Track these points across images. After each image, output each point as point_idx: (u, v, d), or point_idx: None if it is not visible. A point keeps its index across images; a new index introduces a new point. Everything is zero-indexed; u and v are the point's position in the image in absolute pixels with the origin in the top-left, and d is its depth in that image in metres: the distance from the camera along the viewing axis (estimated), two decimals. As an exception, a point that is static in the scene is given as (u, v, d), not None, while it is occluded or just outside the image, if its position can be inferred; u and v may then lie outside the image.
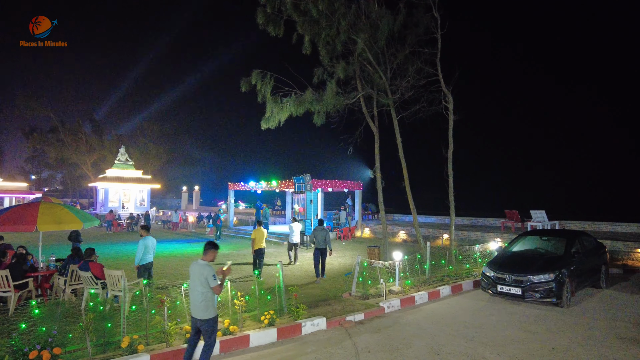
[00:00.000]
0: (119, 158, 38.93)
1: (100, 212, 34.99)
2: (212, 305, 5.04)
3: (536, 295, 8.31)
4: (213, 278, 4.96)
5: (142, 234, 9.01)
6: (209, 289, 4.97)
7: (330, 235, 12.05)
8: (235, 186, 25.37)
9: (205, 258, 5.18)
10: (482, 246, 13.02)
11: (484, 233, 17.22)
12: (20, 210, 8.53)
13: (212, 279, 4.95)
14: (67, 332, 5.90)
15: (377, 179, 13.24)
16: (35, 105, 42.52)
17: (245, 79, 12.55)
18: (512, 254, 9.81)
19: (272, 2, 12.01)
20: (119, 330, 6.03)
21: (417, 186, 14.00)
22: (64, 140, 44.65)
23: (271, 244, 18.61)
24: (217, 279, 5.01)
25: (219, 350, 6.08)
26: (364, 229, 22.70)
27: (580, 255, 9.24)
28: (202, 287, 4.97)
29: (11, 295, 7.75)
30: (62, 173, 59.84)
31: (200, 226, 29.14)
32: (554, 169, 48.77)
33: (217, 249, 5.31)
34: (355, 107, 13.71)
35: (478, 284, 9.99)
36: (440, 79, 12.51)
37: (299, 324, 6.93)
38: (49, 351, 5.07)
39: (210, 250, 5.23)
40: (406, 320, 7.64)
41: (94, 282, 7.88)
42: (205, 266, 5.04)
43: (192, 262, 5.36)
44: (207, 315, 4.99)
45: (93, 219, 9.68)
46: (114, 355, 5.49)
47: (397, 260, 9.21)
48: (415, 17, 12.45)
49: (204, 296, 4.97)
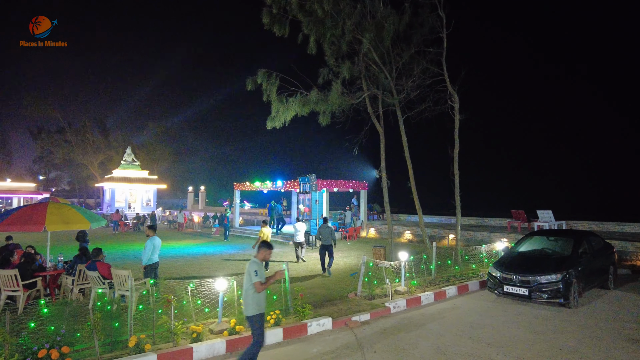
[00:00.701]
0: (125, 158, 39.20)
1: (107, 212, 35.24)
2: (253, 302, 4.99)
3: (543, 296, 8.25)
4: (255, 274, 4.95)
5: (149, 234, 9.06)
6: (251, 284, 4.97)
7: (335, 233, 12.61)
8: (240, 186, 25.45)
9: (257, 256, 5.18)
10: (489, 246, 12.96)
11: (490, 233, 17.13)
12: (29, 210, 8.62)
13: (254, 275, 4.95)
14: (75, 331, 5.96)
15: (383, 178, 13.23)
16: (42, 106, 42.92)
17: (251, 78, 12.59)
18: (518, 254, 9.76)
19: (277, 2, 12.03)
20: (126, 329, 6.08)
21: (423, 186, 13.96)
22: (71, 140, 45.03)
23: (277, 244, 18.65)
24: (260, 276, 4.95)
25: (224, 349, 6.11)
26: (369, 229, 22.67)
27: (588, 256, 9.17)
28: (247, 282, 5.01)
29: (20, 295, 7.83)
30: (69, 173, 60.34)
31: (206, 226, 29.25)
32: (561, 169, 48.41)
33: (271, 248, 5.28)
34: (361, 107, 13.69)
35: (484, 284, 9.94)
36: (446, 78, 12.48)
37: (304, 324, 6.94)
38: (57, 350, 5.11)
39: (262, 248, 5.21)
40: (412, 321, 7.63)
41: (101, 281, 7.94)
42: (253, 262, 5.06)
43: (197, 261, 5.38)
44: (248, 311, 5.00)
45: (100, 219, 9.76)
46: (121, 355, 5.53)
47: (403, 260, 9.19)
48: (420, 16, 12.42)
49: (247, 292, 5.01)
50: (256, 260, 5.11)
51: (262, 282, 4.94)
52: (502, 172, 48.98)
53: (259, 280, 4.93)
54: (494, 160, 50.16)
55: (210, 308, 7.24)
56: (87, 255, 9.05)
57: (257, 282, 4.92)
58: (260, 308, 5.04)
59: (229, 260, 14.55)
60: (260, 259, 5.16)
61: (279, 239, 20.13)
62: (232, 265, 13.32)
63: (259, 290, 4.94)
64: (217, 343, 6.08)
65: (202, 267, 12.89)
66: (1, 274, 7.87)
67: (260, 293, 5.00)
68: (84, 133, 45.83)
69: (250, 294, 4.98)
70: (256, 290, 4.94)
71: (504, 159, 52.45)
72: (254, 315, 5.00)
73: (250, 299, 4.98)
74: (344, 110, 13.31)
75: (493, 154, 51.12)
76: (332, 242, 11.80)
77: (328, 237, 11.80)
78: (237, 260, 14.54)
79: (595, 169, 45.33)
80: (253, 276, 4.95)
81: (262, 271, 5.05)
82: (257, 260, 5.11)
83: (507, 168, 50.16)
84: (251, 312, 4.99)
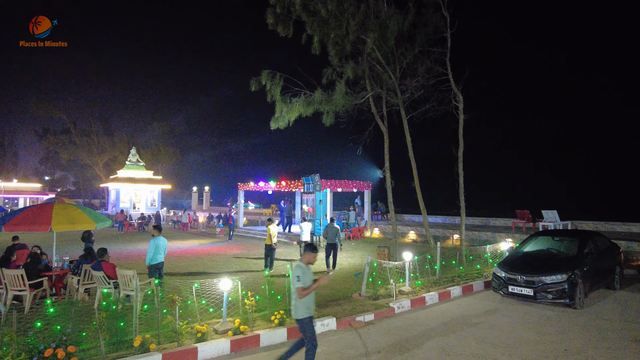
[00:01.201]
0: (130, 159, 39.40)
1: (112, 212, 35.42)
2: (299, 305, 4.91)
3: (548, 296, 8.21)
4: (297, 279, 4.87)
5: (153, 234, 9.10)
6: (295, 289, 4.93)
7: (340, 233, 12.93)
8: (244, 186, 25.49)
9: (302, 260, 5.09)
10: (493, 246, 12.90)
11: (495, 233, 17.06)
12: (35, 211, 8.69)
13: (296, 280, 4.87)
14: (80, 331, 5.99)
15: (387, 178, 13.21)
16: (47, 107, 43.21)
17: (255, 78, 12.61)
18: (523, 254, 9.71)
19: (281, 2, 12.05)
20: (131, 329, 6.10)
21: (427, 186, 13.93)
22: (76, 141, 45.33)
23: (280, 244, 18.67)
24: (302, 282, 4.85)
25: (229, 349, 6.12)
26: (373, 229, 22.64)
27: (594, 256, 9.12)
28: (292, 287, 4.97)
29: (27, 294, 7.90)
30: (74, 174, 60.72)
31: (210, 226, 29.33)
32: (566, 168, 48.15)
33: (315, 251, 5.14)
34: (365, 107, 13.68)
35: (489, 284, 9.91)
36: (450, 78, 12.43)
37: (309, 324, 6.93)
38: (63, 349, 5.15)
39: (307, 252, 5.10)
40: (417, 321, 7.61)
41: (106, 281, 7.98)
42: (297, 267, 4.96)
43: (201, 261, 5.39)
44: (296, 314, 4.94)
45: (105, 219, 9.81)
46: (126, 354, 5.55)
47: (407, 260, 9.17)
48: (424, 16, 12.40)
49: (293, 296, 4.96)
50: (301, 265, 4.99)
51: (304, 288, 4.85)
52: (507, 172, 48.79)
53: (300, 285, 4.85)
54: (498, 160, 49.98)
55: (214, 308, 7.25)
56: (92, 255, 9.10)
57: (298, 287, 4.85)
58: (309, 310, 4.96)
59: (234, 260, 14.58)
60: (305, 263, 5.04)
61: (284, 239, 20.15)
62: (236, 265, 13.34)
63: (300, 296, 4.84)
64: (221, 343, 6.10)
65: (207, 267, 12.92)
66: (8, 273, 7.94)
67: (309, 296, 4.92)
68: (89, 134, 46.12)
69: (295, 297, 4.92)
70: (298, 296, 4.85)
71: (509, 158, 52.24)
72: (303, 318, 4.93)
73: (297, 302, 4.93)
74: (348, 110, 13.32)
75: (498, 154, 50.93)
76: (338, 242, 12.35)
77: (334, 236, 12.32)
78: (242, 260, 14.57)
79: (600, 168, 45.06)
80: (295, 281, 4.88)
81: (306, 276, 4.93)
82: (302, 265, 4.99)
83: (512, 168, 49.95)
84: (300, 315, 4.92)
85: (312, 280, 4.99)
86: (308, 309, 4.94)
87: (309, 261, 5.06)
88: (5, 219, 8.59)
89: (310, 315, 4.97)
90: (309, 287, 4.88)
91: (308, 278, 4.94)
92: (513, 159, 52.32)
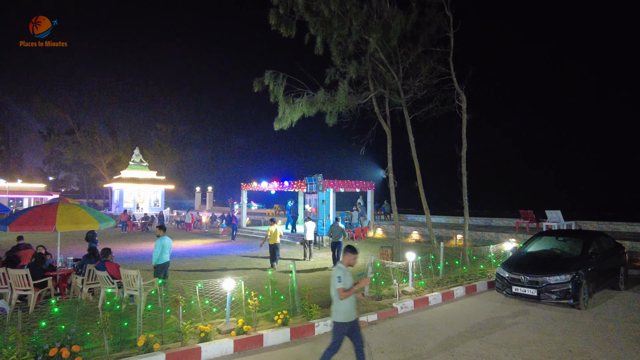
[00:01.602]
0: (134, 159, 39.50)
1: (115, 212, 35.55)
2: (339, 309, 4.78)
3: (552, 297, 8.18)
4: (337, 280, 4.75)
5: (159, 234, 9.11)
6: (335, 291, 4.80)
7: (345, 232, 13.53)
8: (247, 187, 25.52)
9: (342, 261, 4.96)
10: (497, 247, 12.87)
11: (498, 233, 17.01)
12: (40, 211, 8.73)
13: (337, 281, 4.76)
14: (85, 330, 6.03)
15: (390, 179, 13.20)
16: (51, 108, 43.39)
17: (258, 79, 12.63)
18: (527, 254, 9.68)
19: (284, 3, 12.06)
20: (135, 329, 6.12)
21: (430, 186, 13.91)
22: (79, 142, 45.50)
23: (284, 244, 18.69)
24: (343, 283, 4.73)
25: (232, 349, 6.14)
26: (376, 230, 22.63)
27: (598, 256, 9.07)
28: (332, 288, 4.83)
29: (31, 294, 7.94)
30: (78, 174, 60.97)
31: (213, 226, 29.39)
32: (570, 168, 47.94)
33: (355, 252, 4.98)
34: (368, 107, 13.68)
35: (492, 285, 9.88)
36: (453, 78, 12.40)
37: (312, 324, 6.95)
38: (68, 349, 5.17)
39: (347, 253, 4.95)
40: (420, 321, 7.60)
41: (110, 281, 8.02)
42: (338, 268, 4.85)
43: (204, 261, 5.39)
44: (335, 317, 4.81)
45: (109, 219, 9.84)
46: (130, 354, 5.58)
47: (411, 260, 9.16)
48: (427, 16, 12.37)
49: (334, 298, 4.83)
50: (341, 266, 4.87)
51: (345, 289, 4.72)
52: (511, 172, 48.65)
53: (341, 286, 4.72)
54: (502, 159, 49.83)
55: (218, 308, 7.27)
56: (96, 255, 9.14)
57: (339, 288, 4.72)
58: (348, 316, 4.78)
59: (237, 260, 14.60)
60: (345, 265, 4.90)
61: (286, 239, 20.17)
62: (239, 265, 13.36)
63: (341, 297, 4.71)
64: (225, 343, 6.11)
65: (210, 267, 12.94)
66: (13, 273, 7.98)
67: (349, 299, 4.78)
68: (93, 134, 46.28)
69: (335, 299, 4.81)
70: (339, 297, 4.73)
71: (512, 158, 52.08)
72: (339, 322, 4.80)
73: (336, 304, 4.81)
74: (351, 110, 13.31)
75: (501, 154, 50.76)
76: (342, 240, 12.88)
77: (338, 235, 12.88)
78: (245, 260, 14.59)
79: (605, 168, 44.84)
80: (336, 282, 4.76)
81: (347, 277, 4.79)
82: (342, 266, 4.87)
83: (516, 168, 49.80)
84: (336, 318, 4.80)
85: (352, 282, 4.87)
86: (347, 314, 4.78)
87: (349, 263, 4.92)
88: (10, 219, 8.64)
89: (348, 320, 4.79)
90: (350, 289, 4.75)
91: (349, 280, 4.81)
92: (516, 158, 52.19)
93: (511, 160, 51.77)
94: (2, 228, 8.28)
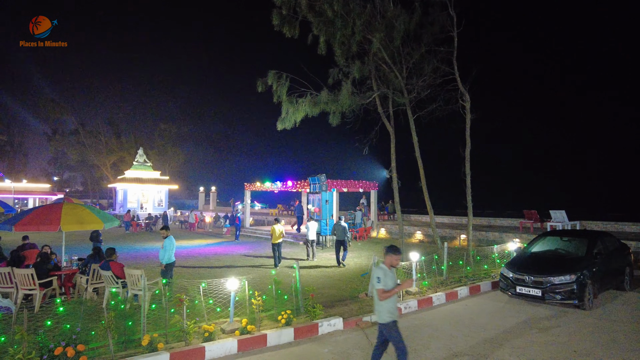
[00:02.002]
0: (137, 159, 39.65)
1: (119, 212, 35.68)
2: (381, 310, 4.73)
3: (557, 297, 8.15)
4: (377, 280, 4.70)
5: (166, 234, 9.12)
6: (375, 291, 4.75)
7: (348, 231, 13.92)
8: (251, 187, 25.56)
9: (384, 262, 4.87)
10: (501, 247, 12.82)
11: (502, 233, 16.96)
12: (45, 211, 8.79)
13: (376, 281, 4.71)
14: (89, 330, 6.06)
15: (393, 179, 13.19)
16: (56, 108, 43.60)
17: (262, 79, 12.64)
18: (531, 254, 9.64)
19: (287, 3, 12.07)
20: (139, 328, 6.15)
21: (434, 186, 13.88)
22: (84, 142, 45.70)
23: (286, 244, 18.72)
24: (383, 284, 4.68)
25: (236, 349, 6.15)
26: (379, 230, 22.61)
27: (603, 257, 9.02)
28: (372, 289, 4.81)
29: (36, 293, 7.99)
30: (82, 174, 61.25)
31: (217, 226, 29.46)
32: (574, 168, 47.69)
33: (398, 253, 4.86)
34: (371, 107, 13.66)
35: (496, 285, 9.85)
36: (457, 77, 12.36)
37: (315, 324, 6.95)
38: (73, 348, 5.20)
39: (389, 254, 4.84)
40: (423, 322, 7.59)
41: (114, 281, 8.05)
42: (379, 268, 4.79)
43: (208, 260, 5.39)
44: (380, 318, 4.77)
45: (113, 219, 9.89)
46: (134, 353, 5.60)
47: (414, 260, 9.15)
48: (430, 15, 12.35)
49: (375, 299, 4.79)
50: (383, 267, 4.80)
51: (385, 290, 4.66)
52: (514, 172, 48.47)
53: (381, 287, 4.67)
54: (506, 159, 49.66)
55: (222, 307, 7.29)
56: (100, 255, 9.18)
57: (379, 289, 4.67)
58: (392, 315, 4.74)
59: (240, 259, 14.63)
60: (387, 265, 4.82)
61: (290, 239, 20.19)
62: (243, 265, 13.38)
63: (380, 298, 4.66)
64: (228, 342, 6.12)
65: (214, 267, 12.97)
66: (18, 273, 8.03)
67: (391, 299, 4.72)
68: (97, 134, 46.49)
69: (376, 300, 4.76)
70: (379, 298, 4.69)
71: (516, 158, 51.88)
72: (388, 322, 4.73)
73: (378, 305, 4.76)
74: (354, 110, 13.30)
75: (505, 153, 50.60)
76: (347, 239, 13.41)
77: (342, 234, 13.32)
78: (249, 259, 14.61)
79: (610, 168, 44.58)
80: (375, 283, 4.72)
81: (388, 278, 4.73)
82: (384, 267, 4.80)
83: (520, 167, 49.60)
84: (383, 319, 4.74)
85: (395, 282, 4.79)
86: (390, 313, 4.73)
87: (392, 263, 4.83)
88: (15, 218, 8.70)
89: (394, 319, 4.75)
90: (390, 290, 4.68)
91: (390, 280, 4.74)
92: (521, 158, 51.96)
93: (515, 159, 51.59)
94: (8, 228, 8.34)
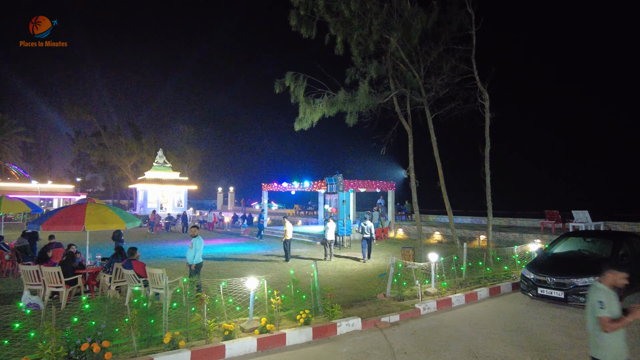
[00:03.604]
0: (157, 160, 40.38)
1: (140, 212, 36.37)
2: (604, 345, 3.60)
3: (580, 299, 7.95)
4: (599, 305, 3.59)
5: (196, 233, 9.23)
6: (596, 319, 3.63)
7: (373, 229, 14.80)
8: (268, 187, 25.73)
9: (602, 280, 3.76)
10: (521, 247, 12.61)
11: (523, 234, 16.66)
12: (70, 211, 9.05)
13: (598, 307, 3.60)
14: (113, 327, 6.21)
15: (411, 178, 13.10)
16: (79, 111, 44.76)
17: (279, 80, 12.72)
18: (553, 255, 9.45)
19: (305, 4, 12.12)
20: (160, 326, 6.28)
21: (453, 186, 13.73)
22: (105, 144, 46.80)
23: (304, 244, 18.78)
24: (609, 311, 3.55)
25: (256, 347, 6.21)
26: (397, 230, 22.47)
27: (630, 258, 8.77)
28: (591, 315, 3.70)
29: (63, 291, 8.24)
30: (104, 175, 62.75)
31: (235, 226, 29.76)
32: (598, 166, 46.38)
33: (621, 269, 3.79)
34: (388, 107, 13.60)
35: (517, 286, 9.69)
36: (475, 76, 12.20)
37: (334, 324, 6.97)
38: (98, 344, 5.35)
39: (610, 271, 3.75)
40: (443, 322, 7.53)
41: (136, 279, 8.23)
42: (598, 290, 3.70)
43: (227, 260, 5.45)
44: (594, 353, 3.69)
45: (135, 219, 10.10)
46: (157, 350, 5.72)
47: (433, 261, 9.08)
48: (448, 14, 12.23)
49: (592, 327, 3.70)
50: (603, 287, 3.69)
51: (612, 319, 3.52)
52: (535, 171, 47.43)
53: (607, 315, 3.53)
54: (526, 158, 48.66)
55: (241, 306, 7.38)
56: (122, 254, 9.40)
57: (603, 317, 3.54)
58: (619, 356, 3.59)
59: (259, 259, 14.75)
60: (609, 285, 3.70)
61: (307, 239, 20.25)
62: (262, 264, 13.50)
63: (606, 329, 3.52)
64: (248, 341, 6.19)
65: (233, 266, 13.13)
66: (46, 271, 8.29)
67: (617, 333, 3.57)
68: (117, 136, 47.55)
69: (596, 331, 3.65)
70: (602, 329, 3.56)
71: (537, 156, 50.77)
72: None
73: (601, 339, 3.62)
74: (372, 110, 13.26)
75: (526, 152, 49.56)
76: (372, 237, 14.40)
77: (368, 232, 14.28)
78: (267, 259, 14.73)
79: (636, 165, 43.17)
80: (597, 309, 3.60)
81: (613, 303, 3.59)
82: (604, 287, 3.69)
83: (541, 166, 48.53)
84: (598, 355, 3.64)
85: (620, 309, 3.61)
86: (616, 355, 3.58)
87: (614, 283, 3.73)
88: (42, 218, 8.99)
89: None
90: (619, 320, 3.52)
91: (615, 306, 3.59)
92: (542, 157, 50.82)
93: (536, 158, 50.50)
94: (37, 227, 8.65)
